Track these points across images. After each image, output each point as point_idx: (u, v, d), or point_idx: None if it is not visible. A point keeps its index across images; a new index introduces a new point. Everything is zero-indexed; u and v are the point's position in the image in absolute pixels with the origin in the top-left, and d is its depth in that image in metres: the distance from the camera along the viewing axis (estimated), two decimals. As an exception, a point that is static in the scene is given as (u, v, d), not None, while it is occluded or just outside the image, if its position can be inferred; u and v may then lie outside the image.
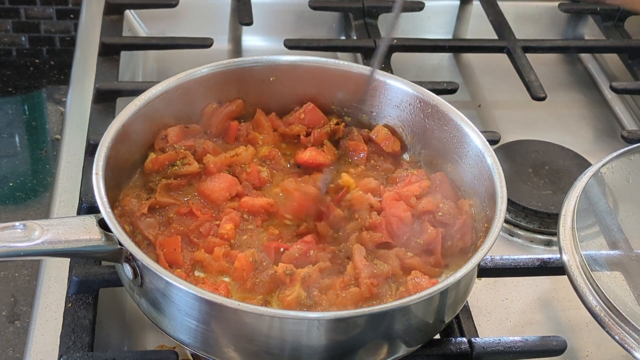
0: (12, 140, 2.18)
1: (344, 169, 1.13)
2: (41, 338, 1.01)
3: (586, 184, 1.07)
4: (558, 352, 1.00)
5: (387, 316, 0.86)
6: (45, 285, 1.07)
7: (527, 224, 1.25)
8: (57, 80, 2.37)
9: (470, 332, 1.01)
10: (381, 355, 0.91)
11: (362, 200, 1.05)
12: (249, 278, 0.97)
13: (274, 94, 1.18)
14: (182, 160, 1.08)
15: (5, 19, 2.42)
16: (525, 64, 1.48)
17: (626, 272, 1.02)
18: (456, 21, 1.75)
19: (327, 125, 1.17)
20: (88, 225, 0.91)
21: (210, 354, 0.91)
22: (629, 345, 0.92)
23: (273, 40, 1.30)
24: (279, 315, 0.85)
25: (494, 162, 1.02)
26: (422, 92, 1.12)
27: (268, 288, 0.96)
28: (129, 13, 1.63)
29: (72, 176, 1.23)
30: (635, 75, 1.54)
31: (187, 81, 1.11)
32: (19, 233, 0.88)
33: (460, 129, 1.08)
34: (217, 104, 1.15)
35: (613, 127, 1.52)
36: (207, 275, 0.98)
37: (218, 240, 1.00)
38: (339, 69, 1.16)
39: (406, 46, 1.53)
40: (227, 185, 1.07)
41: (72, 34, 2.41)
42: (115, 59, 1.44)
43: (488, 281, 1.16)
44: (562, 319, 1.13)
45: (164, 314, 0.90)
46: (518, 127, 1.48)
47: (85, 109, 1.34)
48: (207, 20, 1.66)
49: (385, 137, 1.15)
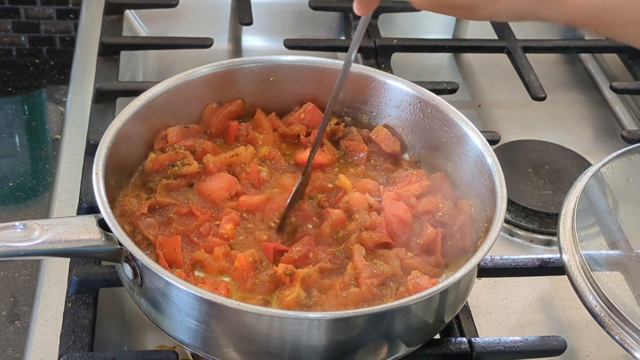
0: (12, 140, 2.18)
1: (344, 169, 1.14)
2: (41, 338, 1.01)
3: (586, 184, 1.07)
4: (558, 352, 1.00)
5: (387, 316, 0.86)
6: (45, 285, 1.07)
7: (527, 224, 1.25)
8: (57, 80, 2.37)
9: (470, 332, 1.01)
10: (381, 355, 0.91)
11: (360, 200, 1.05)
12: (249, 278, 0.97)
13: (274, 94, 1.18)
14: (182, 160, 1.08)
15: (5, 19, 2.42)
16: (525, 64, 1.48)
17: (626, 272, 1.02)
18: (456, 21, 1.75)
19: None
20: (88, 225, 0.91)
21: (210, 354, 0.91)
22: (629, 345, 0.92)
23: (273, 40, 1.30)
24: (279, 315, 0.85)
25: (494, 162, 1.02)
26: (422, 92, 1.12)
27: (268, 288, 0.96)
28: (129, 13, 1.63)
29: (72, 176, 1.23)
30: (635, 75, 1.54)
31: (187, 81, 1.11)
32: (19, 233, 0.88)
33: (460, 129, 1.08)
34: (217, 104, 1.15)
35: (613, 127, 1.52)
36: (207, 275, 0.98)
37: (218, 240, 1.00)
38: (339, 69, 1.16)
39: (406, 46, 1.53)
40: (226, 185, 1.07)
41: (72, 34, 2.42)
42: (115, 58, 1.44)
43: (488, 281, 1.16)
44: (562, 319, 1.13)
45: (164, 314, 0.90)
46: (518, 127, 1.48)
47: (85, 109, 1.34)
48: (207, 20, 1.66)
49: (385, 137, 1.15)
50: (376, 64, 1.46)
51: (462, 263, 0.94)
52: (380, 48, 1.50)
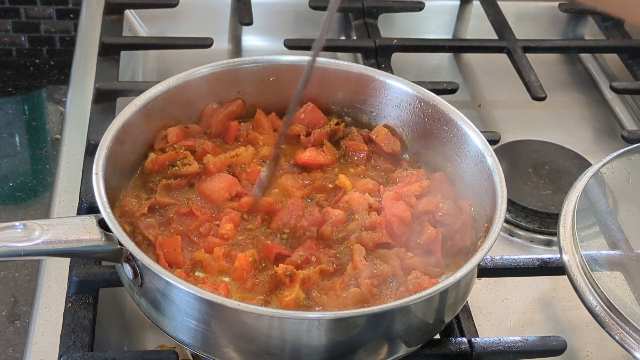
0: (12, 140, 2.18)
1: (344, 169, 1.13)
2: (41, 338, 1.01)
3: (586, 184, 1.07)
4: (558, 352, 1.00)
5: (387, 316, 0.86)
6: (45, 285, 1.07)
7: (527, 224, 1.25)
8: (57, 80, 2.37)
9: (470, 332, 1.01)
10: (381, 355, 0.91)
11: (360, 200, 1.05)
12: (249, 278, 0.96)
13: (274, 94, 1.18)
14: (182, 160, 1.08)
15: (5, 19, 2.42)
16: (525, 64, 1.48)
17: (626, 272, 1.02)
18: (456, 21, 1.75)
19: (327, 125, 1.17)
20: (88, 225, 0.91)
21: (210, 354, 0.91)
22: (629, 345, 0.92)
23: (273, 40, 1.30)
24: (279, 315, 0.85)
25: (494, 162, 1.02)
26: (422, 92, 1.12)
27: (268, 288, 0.96)
28: (129, 13, 1.63)
29: (72, 176, 1.23)
30: (635, 75, 1.54)
31: (187, 81, 1.11)
32: (19, 233, 0.88)
33: (460, 129, 1.08)
34: (217, 104, 1.15)
35: (613, 127, 1.52)
36: (207, 275, 0.98)
37: (218, 240, 1.00)
38: (339, 69, 1.16)
39: (406, 46, 1.53)
40: (227, 185, 1.07)
41: (72, 34, 2.42)
42: (115, 58, 1.44)
43: (488, 281, 1.16)
44: (562, 319, 1.13)
45: (164, 314, 0.90)
46: (518, 127, 1.48)
47: (85, 109, 1.34)
48: (207, 20, 1.66)
49: (385, 137, 1.15)
50: (376, 64, 1.46)
51: (462, 263, 0.94)
52: (380, 48, 1.50)
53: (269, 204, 1.05)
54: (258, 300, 0.95)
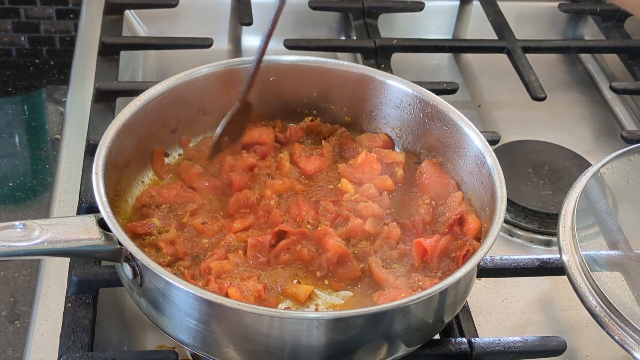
0: (12, 140, 2.18)
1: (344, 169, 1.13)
2: (41, 338, 1.01)
3: (586, 184, 1.07)
4: (558, 352, 1.00)
5: (387, 316, 0.86)
6: (45, 285, 1.07)
7: (527, 224, 1.25)
8: (57, 80, 2.37)
9: (470, 332, 1.01)
10: (381, 355, 0.91)
11: (369, 208, 1.05)
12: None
13: (274, 94, 1.18)
14: (159, 229, 1.02)
15: (5, 19, 2.42)
16: (525, 64, 1.48)
17: (626, 272, 1.02)
18: (456, 21, 1.75)
19: (303, 122, 1.17)
20: (88, 225, 0.91)
21: (210, 354, 0.91)
22: (629, 346, 0.92)
23: (273, 40, 1.29)
24: (278, 315, 0.85)
25: (494, 162, 1.02)
26: (422, 92, 1.13)
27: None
28: (129, 13, 1.63)
29: (72, 176, 1.23)
30: (635, 75, 1.54)
31: (187, 81, 1.11)
32: (18, 233, 0.88)
33: (460, 129, 1.08)
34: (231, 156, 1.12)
35: (613, 127, 1.52)
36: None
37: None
38: (339, 69, 1.16)
39: (406, 46, 1.53)
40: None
41: (72, 34, 2.42)
42: (115, 58, 1.44)
43: (488, 281, 1.16)
44: (562, 319, 1.13)
45: (164, 313, 0.90)
46: (518, 127, 1.48)
47: (85, 109, 1.34)
48: (207, 20, 1.66)
49: (382, 144, 1.16)
50: (376, 64, 1.47)
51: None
52: (380, 48, 1.50)
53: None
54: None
